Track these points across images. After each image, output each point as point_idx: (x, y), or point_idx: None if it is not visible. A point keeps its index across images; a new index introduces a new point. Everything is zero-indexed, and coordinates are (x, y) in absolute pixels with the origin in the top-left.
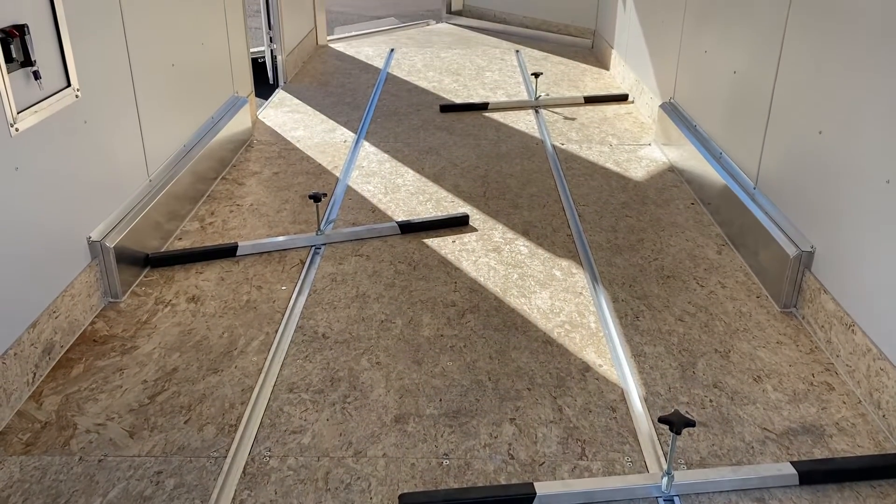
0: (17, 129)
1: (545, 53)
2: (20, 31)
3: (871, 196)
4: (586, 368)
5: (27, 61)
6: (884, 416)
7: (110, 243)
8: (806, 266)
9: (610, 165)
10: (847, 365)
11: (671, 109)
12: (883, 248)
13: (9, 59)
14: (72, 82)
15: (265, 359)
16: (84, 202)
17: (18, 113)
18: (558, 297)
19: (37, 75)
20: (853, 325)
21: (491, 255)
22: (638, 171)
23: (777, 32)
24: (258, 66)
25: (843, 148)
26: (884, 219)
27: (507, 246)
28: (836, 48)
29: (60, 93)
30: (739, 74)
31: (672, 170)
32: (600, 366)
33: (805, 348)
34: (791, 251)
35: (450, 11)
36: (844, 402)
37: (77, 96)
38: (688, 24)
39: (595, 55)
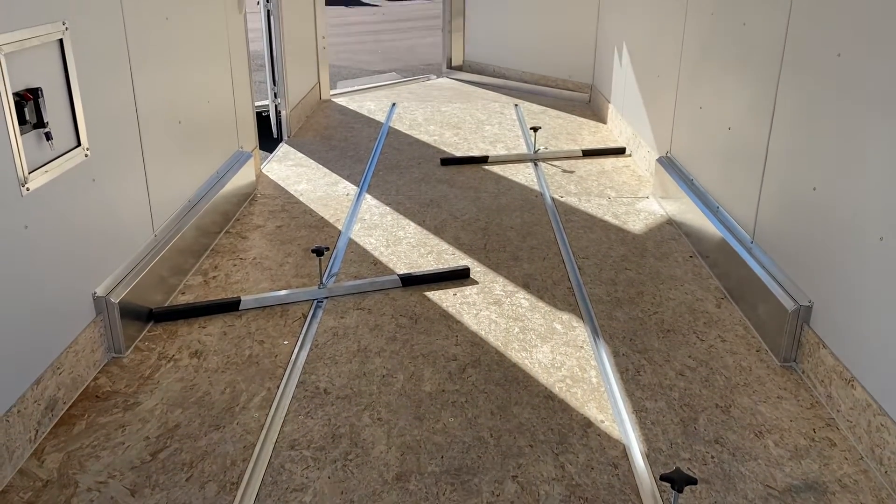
0: (27, 189)
1: (543, 107)
2: (34, 94)
3: (866, 252)
4: (588, 424)
5: (40, 123)
6: (886, 472)
7: (115, 299)
8: (804, 320)
9: (609, 218)
10: (848, 420)
11: (668, 163)
12: (880, 304)
13: (22, 121)
14: (82, 142)
15: (267, 415)
16: (90, 258)
17: (30, 173)
18: (559, 351)
19: (48, 136)
20: (853, 380)
21: (492, 309)
22: (636, 224)
23: (769, 90)
24: (262, 119)
25: (836, 205)
26: (879, 275)
27: (508, 299)
28: (827, 106)
29: (71, 152)
30: (734, 130)
31: (670, 223)
32: (602, 421)
33: (806, 403)
34: (789, 305)
35: (450, 66)
36: (846, 459)
37: (86, 155)
38: (683, 81)
39: (592, 109)
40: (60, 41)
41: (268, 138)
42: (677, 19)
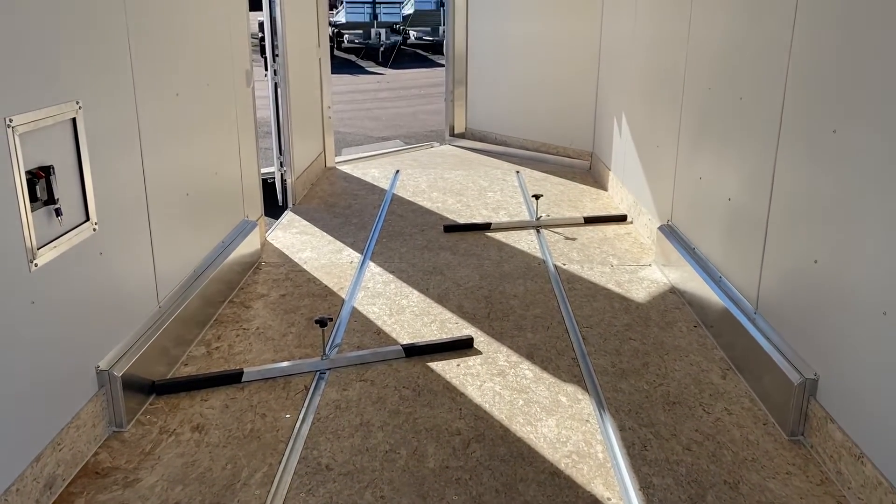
0: (36, 265)
1: (545, 174)
2: (46, 171)
3: (869, 327)
4: (595, 502)
5: (50, 200)
6: None
7: (118, 372)
8: (811, 394)
9: (612, 286)
10: (859, 498)
11: (669, 232)
12: (886, 381)
13: (34, 198)
14: (90, 216)
15: (268, 492)
16: (95, 332)
17: (38, 249)
18: (565, 425)
19: (58, 212)
20: (862, 456)
21: (496, 380)
22: (640, 293)
23: (768, 163)
24: (268, 186)
25: (838, 278)
26: (884, 350)
27: (512, 370)
28: (825, 180)
29: (79, 227)
30: (734, 201)
31: (673, 291)
32: (609, 499)
33: (815, 479)
34: (795, 378)
35: (453, 134)
36: None
37: (94, 230)
38: (682, 151)
39: (593, 176)
40: (73, 120)
41: (273, 205)
42: (675, 92)
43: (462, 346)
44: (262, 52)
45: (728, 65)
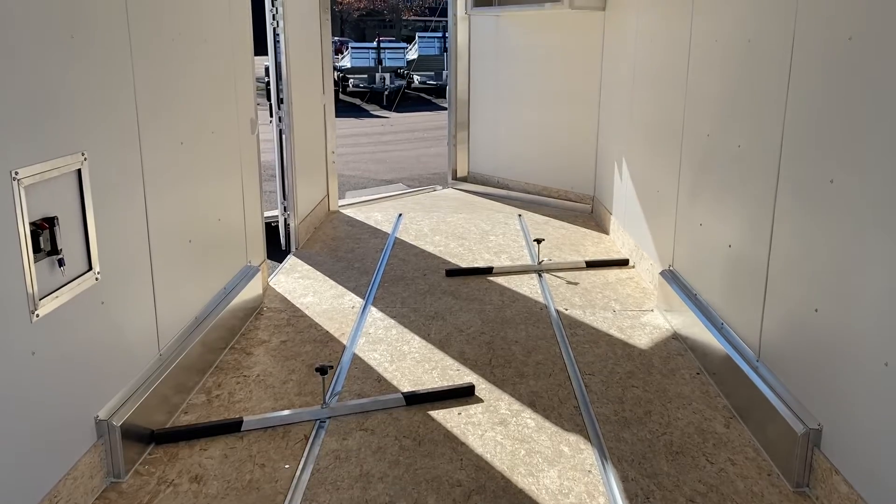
0: (37, 316)
1: (546, 218)
2: (50, 222)
3: (872, 378)
4: None
5: (53, 250)
6: None
7: (117, 422)
8: (815, 444)
9: (614, 332)
10: None
11: (671, 277)
12: (890, 432)
13: (37, 249)
14: (93, 266)
15: None
16: (95, 381)
17: (40, 299)
18: (567, 476)
19: (61, 262)
20: None
21: (497, 429)
22: (642, 339)
23: (767, 211)
24: (271, 229)
25: (839, 328)
26: (887, 402)
27: (514, 418)
28: (823, 229)
29: (81, 277)
30: (734, 248)
31: (676, 337)
32: None
33: None
34: (798, 428)
35: (455, 177)
36: None
37: (97, 279)
38: (682, 196)
39: (595, 220)
40: (79, 171)
41: (276, 248)
42: (674, 138)
43: (463, 394)
44: (268, 96)
45: (726, 112)
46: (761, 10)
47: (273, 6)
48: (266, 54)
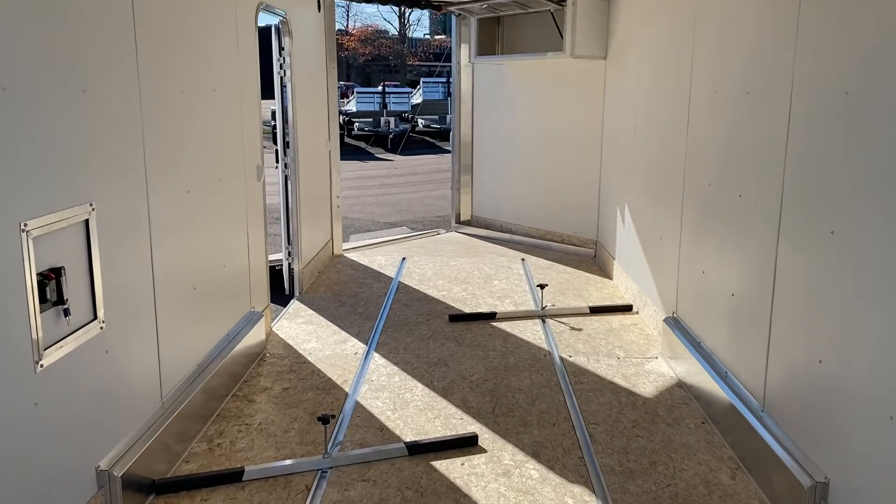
0: (41, 366)
1: (550, 262)
2: (57, 273)
3: (877, 432)
4: None
5: (59, 300)
6: None
7: (118, 472)
8: (822, 497)
9: (618, 380)
10: None
11: (675, 324)
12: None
13: (43, 299)
14: (98, 315)
15: None
16: (97, 431)
17: (45, 349)
18: None
19: (66, 312)
20: None
21: (501, 481)
22: (647, 387)
23: (769, 261)
24: (275, 272)
25: (843, 379)
26: (894, 455)
27: (518, 469)
28: (825, 281)
29: (86, 326)
30: (737, 297)
31: (680, 385)
32: None
33: None
34: (805, 482)
35: (458, 221)
36: None
37: (102, 328)
38: (685, 244)
39: (598, 264)
40: (86, 221)
41: (280, 291)
42: (676, 186)
43: (466, 444)
44: (274, 139)
45: (727, 162)
46: (759, 63)
47: (280, 56)
48: (272, 97)
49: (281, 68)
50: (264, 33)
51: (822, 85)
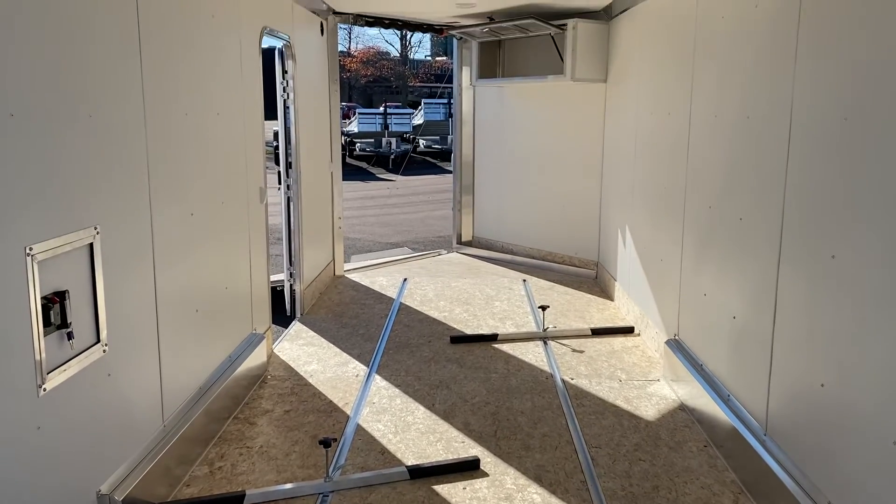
0: (44, 390)
1: (551, 283)
2: (61, 296)
3: (880, 457)
4: None
5: (63, 324)
6: None
7: (119, 496)
8: None
9: (620, 403)
10: None
11: (677, 346)
12: None
13: (47, 323)
14: (101, 338)
15: None
16: (98, 455)
17: (48, 373)
18: None
19: (70, 336)
20: None
21: None
22: (649, 410)
23: (770, 284)
24: (276, 293)
25: (845, 404)
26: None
27: (520, 493)
28: (826, 306)
29: (89, 349)
30: (739, 320)
31: (682, 408)
32: None
33: None
34: None
35: (460, 242)
36: None
37: (104, 351)
38: (686, 266)
39: (599, 286)
40: (91, 245)
41: (282, 311)
42: (676, 208)
43: (468, 468)
44: (276, 160)
45: (727, 186)
46: (759, 89)
47: (284, 79)
48: (275, 118)
49: (284, 91)
50: (267, 53)
51: (821, 110)
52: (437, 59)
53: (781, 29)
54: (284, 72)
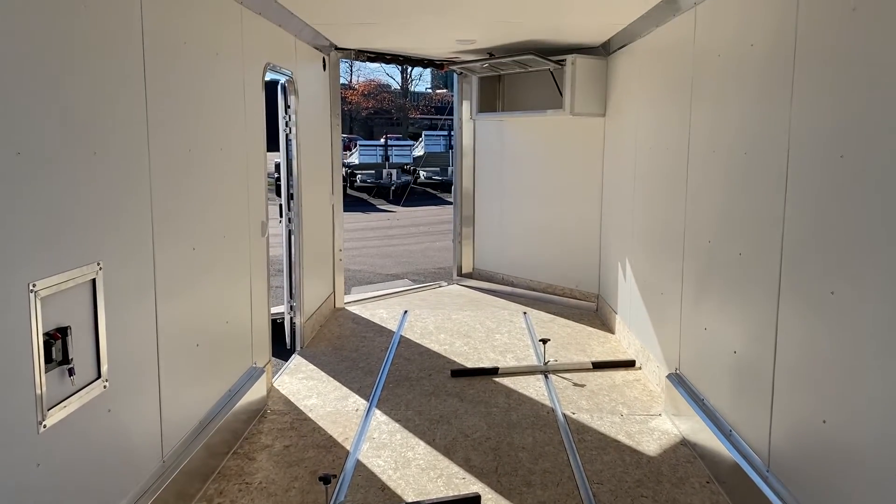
0: (44, 426)
1: (552, 315)
2: (63, 332)
3: (885, 496)
4: None
5: (64, 360)
6: None
7: None
8: None
9: (622, 438)
10: None
11: (678, 381)
12: None
13: (48, 359)
14: (102, 373)
15: None
16: (98, 491)
17: (48, 409)
18: None
19: (71, 372)
20: None
21: None
22: (650, 445)
23: (770, 320)
24: (277, 325)
25: (848, 441)
26: None
27: None
28: (826, 341)
29: (90, 385)
30: (739, 355)
31: (684, 443)
32: None
33: None
34: None
35: (460, 274)
36: None
37: (105, 387)
38: (686, 300)
39: (600, 318)
40: (93, 280)
41: (281, 345)
42: (676, 242)
43: None
44: (277, 191)
45: (726, 220)
46: (755, 125)
47: (286, 114)
48: (277, 150)
49: (287, 125)
50: (269, 83)
51: (818, 148)
52: (438, 91)
53: (777, 68)
54: (287, 106)
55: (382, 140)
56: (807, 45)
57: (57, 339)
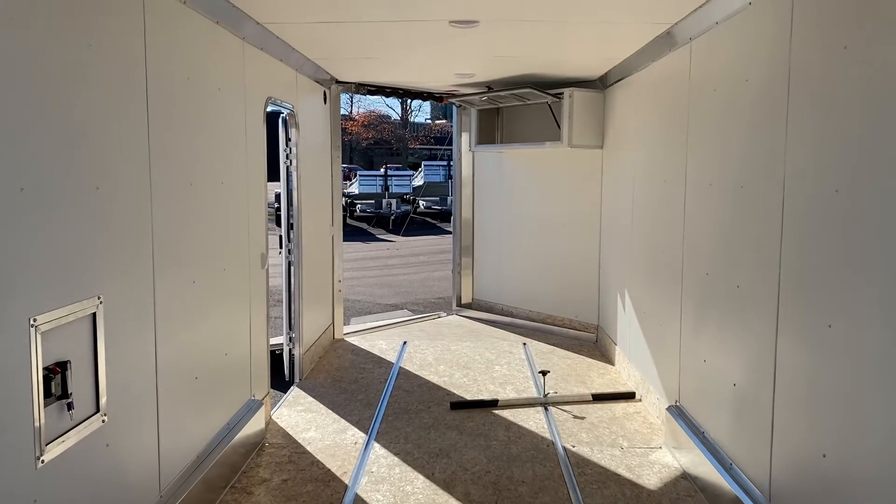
0: (42, 462)
1: (552, 346)
2: (62, 366)
3: None
4: None
5: (64, 395)
6: None
7: None
8: None
9: (622, 471)
10: None
11: (678, 413)
12: None
13: (48, 394)
14: (101, 408)
15: None
16: None
17: (46, 444)
18: None
19: (70, 406)
20: None
21: None
22: (651, 479)
23: (768, 352)
24: (275, 356)
25: (849, 476)
26: None
27: None
28: (826, 373)
29: (89, 419)
30: (739, 388)
31: (685, 477)
32: None
33: None
34: None
35: (459, 304)
36: None
37: (104, 421)
38: (685, 332)
39: (600, 349)
40: (94, 314)
41: (280, 376)
42: (674, 274)
43: None
44: (277, 221)
45: (723, 253)
46: (751, 159)
47: (287, 146)
48: (277, 179)
49: (287, 157)
50: (270, 113)
51: (813, 182)
52: (437, 121)
53: (772, 103)
54: (288, 139)
55: (382, 170)
56: (800, 81)
57: (56, 373)
